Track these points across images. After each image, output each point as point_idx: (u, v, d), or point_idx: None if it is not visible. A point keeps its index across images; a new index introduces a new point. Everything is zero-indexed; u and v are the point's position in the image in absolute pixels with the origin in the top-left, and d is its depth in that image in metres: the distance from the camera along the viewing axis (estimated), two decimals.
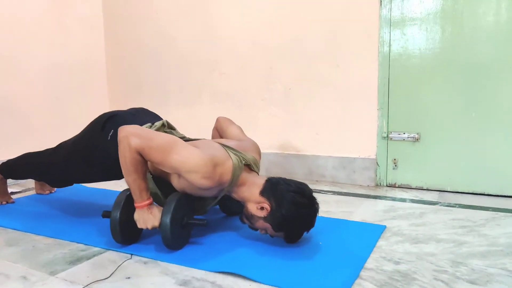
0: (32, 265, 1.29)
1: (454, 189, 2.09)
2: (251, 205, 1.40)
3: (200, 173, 1.30)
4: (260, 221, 1.38)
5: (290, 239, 1.40)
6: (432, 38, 2.05)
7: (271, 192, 1.37)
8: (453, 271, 1.20)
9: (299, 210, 1.33)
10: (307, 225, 1.38)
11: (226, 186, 1.39)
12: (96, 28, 3.02)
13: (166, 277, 1.19)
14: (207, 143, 1.49)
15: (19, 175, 1.98)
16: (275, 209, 1.34)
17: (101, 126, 1.58)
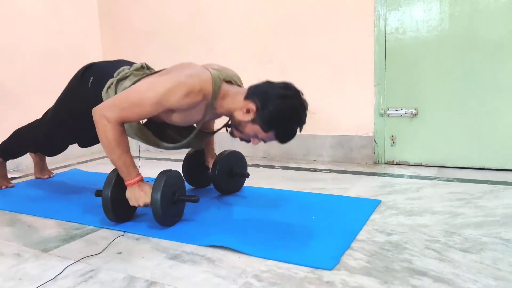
0: (26, 243, 1.30)
1: (453, 165, 2.07)
2: (237, 113, 1.39)
3: (180, 93, 1.30)
4: (248, 125, 1.37)
5: (283, 137, 1.38)
6: (429, 10, 2.01)
7: (255, 93, 1.36)
8: (446, 240, 1.19)
9: (285, 102, 1.32)
10: (296, 118, 1.36)
11: (210, 99, 1.37)
12: (90, 12, 3.01)
13: (157, 251, 1.20)
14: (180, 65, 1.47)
15: (15, 153, 1.97)
16: (261, 107, 1.33)
17: (80, 76, 1.58)
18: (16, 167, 2.44)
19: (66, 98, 1.65)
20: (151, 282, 1.01)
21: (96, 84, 1.50)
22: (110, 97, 1.47)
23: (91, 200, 1.64)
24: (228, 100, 1.41)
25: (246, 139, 1.43)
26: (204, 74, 1.37)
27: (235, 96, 1.41)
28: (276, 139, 1.39)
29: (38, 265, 1.14)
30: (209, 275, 1.04)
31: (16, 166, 2.45)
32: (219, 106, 1.41)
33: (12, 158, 2.00)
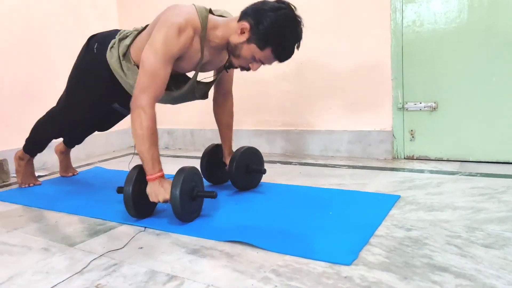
0: (53, 238, 1.35)
1: (476, 159, 2.03)
2: (232, 37, 1.40)
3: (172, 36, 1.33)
4: (244, 46, 1.37)
5: (280, 53, 1.37)
6: (447, 2, 1.98)
7: (248, 13, 1.37)
8: (468, 236, 1.18)
9: (278, 13, 1.32)
10: (292, 31, 1.35)
11: (201, 31, 1.39)
12: (110, 15, 3.08)
13: (177, 246, 1.22)
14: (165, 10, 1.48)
15: (40, 144, 2.01)
16: (255, 24, 1.33)
17: (86, 45, 1.68)
18: (42, 165, 2.52)
19: (76, 71, 1.73)
20: (171, 276, 1.04)
21: (101, 48, 1.60)
22: (113, 55, 1.56)
23: (113, 196, 1.68)
24: (221, 28, 1.42)
25: (245, 66, 1.43)
26: (189, 10, 1.40)
27: (227, 23, 1.42)
28: (275, 58, 1.38)
29: (65, 259, 1.18)
30: (227, 270, 1.06)
31: (43, 165, 2.52)
32: (212, 37, 1.43)
33: (38, 151, 2.04)
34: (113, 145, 3.02)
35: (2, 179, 2.18)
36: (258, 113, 2.61)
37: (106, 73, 1.57)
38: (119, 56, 1.56)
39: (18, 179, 2.05)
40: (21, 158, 2.02)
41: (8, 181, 2.21)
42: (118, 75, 1.57)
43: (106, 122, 2.00)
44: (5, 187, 2.10)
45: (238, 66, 1.46)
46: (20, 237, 1.38)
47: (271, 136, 2.57)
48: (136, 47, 1.54)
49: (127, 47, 1.56)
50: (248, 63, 1.42)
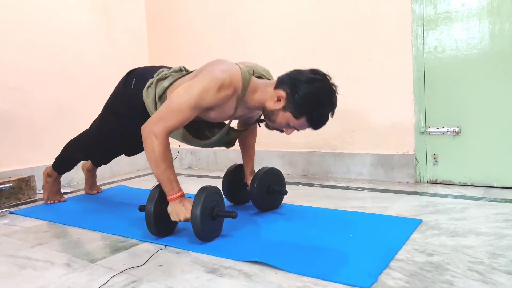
0: (75, 254, 1.38)
1: (501, 185, 1.99)
2: (268, 103, 1.42)
3: (214, 88, 1.36)
4: (279, 113, 1.39)
5: (315, 122, 1.40)
6: (468, 29, 1.99)
7: (284, 81, 1.39)
8: (490, 262, 1.15)
9: (314, 85, 1.34)
10: (326, 102, 1.37)
11: (240, 93, 1.42)
12: (141, 39, 3.20)
13: (196, 265, 1.23)
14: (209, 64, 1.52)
15: (68, 164, 2.07)
16: (291, 93, 1.35)
17: (124, 81, 1.72)
18: (68, 182, 2.59)
19: (112, 101, 1.79)
20: None
21: (138, 85, 1.63)
22: (149, 95, 1.58)
23: (135, 214, 1.72)
24: (259, 93, 1.45)
25: (279, 129, 1.45)
26: (234, 69, 1.43)
27: (265, 88, 1.45)
28: (309, 126, 1.40)
29: (86, 274, 1.21)
30: None
31: (69, 182, 2.60)
32: (249, 99, 1.46)
33: (66, 170, 2.10)
34: (138, 164, 3.09)
35: (28, 195, 2.25)
36: (280, 135, 2.61)
37: (140, 110, 1.59)
38: (155, 96, 1.58)
39: (44, 195, 2.11)
40: (49, 175, 2.09)
41: (35, 197, 2.28)
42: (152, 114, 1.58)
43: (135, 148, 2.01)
44: (31, 203, 2.17)
45: (272, 129, 1.49)
46: (44, 252, 1.41)
47: (294, 158, 2.58)
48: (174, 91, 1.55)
49: (164, 89, 1.57)
50: (283, 127, 1.45)
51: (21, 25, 2.43)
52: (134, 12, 3.15)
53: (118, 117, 1.74)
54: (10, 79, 2.38)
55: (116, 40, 2.99)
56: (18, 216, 1.92)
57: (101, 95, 2.83)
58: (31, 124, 2.48)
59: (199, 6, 2.92)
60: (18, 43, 2.41)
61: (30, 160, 2.44)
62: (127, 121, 1.70)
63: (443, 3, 2.03)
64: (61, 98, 2.63)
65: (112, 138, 1.84)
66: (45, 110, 2.55)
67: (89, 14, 2.81)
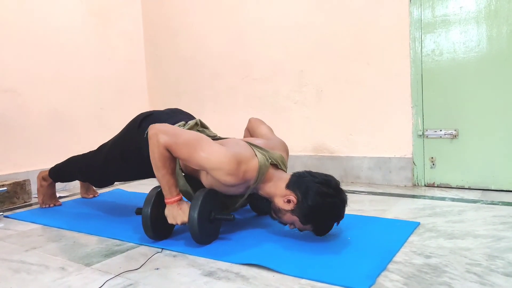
0: (70, 258, 1.37)
1: (498, 187, 1.99)
2: (278, 199, 1.40)
3: (224, 170, 1.33)
4: (287, 214, 1.38)
5: (319, 231, 1.38)
6: (466, 32, 1.99)
7: (297, 184, 1.37)
8: (488, 264, 1.15)
9: (325, 200, 1.32)
10: (335, 216, 1.36)
11: (252, 184, 1.41)
12: (137, 41, 3.19)
13: (193, 268, 1.22)
14: (233, 141, 1.52)
15: (65, 178, 2.09)
16: (301, 200, 1.34)
17: (138, 124, 1.67)
18: (64, 187, 2.57)
19: (122, 142, 1.73)
20: None
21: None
22: None
23: (132, 218, 1.71)
24: (270, 184, 1.43)
25: (283, 223, 1.44)
26: (253, 162, 1.39)
27: (277, 182, 1.42)
28: (313, 232, 1.39)
29: (81, 278, 1.19)
30: None
31: (64, 186, 2.58)
32: (260, 188, 1.44)
33: (61, 181, 2.12)
34: None
35: (23, 199, 2.24)
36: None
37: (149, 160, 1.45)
38: None
39: (39, 199, 2.10)
40: (44, 179, 2.07)
41: (30, 201, 2.27)
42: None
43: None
44: (26, 207, 2.15)
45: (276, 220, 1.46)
46: (39, 256, 1.40)
47: (292, 161, 2.56)
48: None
49: None
50: (287, 224, 1.43)
51: (16, 27, 2.42)
52: (130, 15, 3.14)
53: (125, 161, 1.70)
54: (4, 81, 2.37)
55: (113, 43, 2.98)
56: (13, 220, 1.90)
57: (96, 99, 2.85)
58: (26, 128, 2.46)
59: (196, 9, 2.92)
60: (12, 45, 2.40)
61: (25, 164, 2.43)
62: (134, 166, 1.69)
63: (441, 6, 2.04)
64: (56, 101, 2.62)
65: (115, 175, 1.84)
66: (40, 113, 2.53)
67: (85, 16, 2.80)
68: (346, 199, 1.37)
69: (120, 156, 1.71)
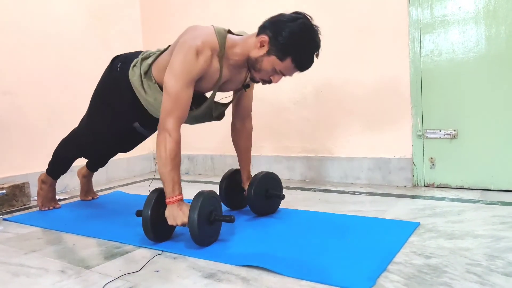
0: (70, 261, 1.36)
1: (498, 188, 1.98)
2: (252, 52, 1.41)
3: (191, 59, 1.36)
4: (264, 59, 1.38)
5: (300, 62, 1.38)
6: (465, 32, 1.99)
7: (266, 27, 1.39)
8: (488, 264, 1.14)
9: (296, 23, 1.33)
10: (310, 40, 1.36)
11: (220, 50, 1.42)
12: (136, 42, 3.19)
13: (193, 270, 1.22)
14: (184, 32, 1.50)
15: (62, 166, 2.05)
16: (274, 36, 1.34)
17: (109, 65, 1.73)
18: (63, 189, 2.57)
19: (98, 89, 1.79)
20: None
21: (124, 67, 1.64)
22: (135, 74, 1.59)
23: (132, 220, 1.70)
24: (240, 45, 1.45)
25: (266, 78, 1.44)
26: (206, 31, 1.43)
27: (246, 40, 1.45)
28: (295, 67, 1.39)
29: (80, 281, 1.19)
30: None
31: (64, 189, 2.58)
32: (231, 55, 1.45)
33: (60, 173, 2.07)
34: (134, 170, 3.07)
35: (23, 202, 2.23)
36: (278, 140, 2.63)
37: (127, 91, 1.61)
38: (140, 74, 1.59)
39: (39, 202, 2.09)
40: (44, 181, 2.07)
41: (29, 204, 2.26)
42: (139, 92, 1.60)
43: (128, 142, 2.01)
44: (25, 210, 2.15)
45: (259, 79, 1.47)
46: (38, 259, 1.40)
47: (291, 162, 2.57)
48: (158, 65, 1.58)
49: (149, 65, 1.59)
50: (269, 75, 1.44)
51: (14, 29, 2.41)
52: (129, 16, 3.14)
53: (106, 104, 1.72)
54: (3, 83, 2.36)
55: (112, 45, 2.98)
56: (12, 223, 1.90)
57: None
58: (25, 130, 2.46)
59: (195, 11, 2.92)
60: (11, 46, 2.40)
61: (24, 167, 2.42)
62: (115, 106, 1.70)
63: (440, 6, 2.04)
64: (55, 103, 2.61)
65: (102, 127, 1.80)
66: (40, 115, 2.53)
67: (84, 18, 2.80)
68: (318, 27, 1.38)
69: (103, 104, 1.73)
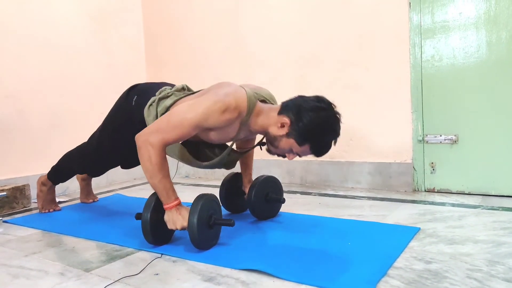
0: (70, 263, 1.36)
1: (498, 193, 1.98)
2: (272, 128, 1.41)
3: (218, 111, 1.34)
4: (283, 139, 1.38)
5: (318, 150, 1.38)
6: (465, 37, 2.00)
7: (289, 107, 1.38)
8: (488, 269, 1.14)
9: (319, 114, 1.33)
10: (330, 131, 1.36)
11: (244, 116, 1.40)
12: (138, 47, 3.20)
13: (192, 274, 1.22)
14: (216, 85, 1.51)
15: (64, 175, 2.05)
16: (295, 120, 1.34)
17: (125, 96, 1.69)
18: (64, 191, 2.57)
19: (112, 116, 1.77)
20: None
21: (139, 102, 1.60)
22: (151, 114, 1.55)
23: (132, 223, 1.70)
24: (262, 117, 1.44)
25: (282, 154, 1.44)
26: (240, 93, 1.41)
27: (269, 113, 1.44)
28: (311, 153, 1.39)
29: (80, 283, 1.19)
30: None
31: (64, 191, 2.58)
32: (253, 123, 1.45)
33: (61, 181, 2.08)
34: (134, 173, 3.07)
35: (23, 204, 2.23)
36: None
37: (140, 127, 1.51)
38: (157, 115, 1.54)
39: (39, 204, 2.09)
40: (43, 184, 2.07)
41: (29, 206, 2.26)
42: None
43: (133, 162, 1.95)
44: (26, 212, 2.14)
45: (274, 154, 1.47)
46: (38, 261, 1.39)
47: (292, 166, 2.57)
48: None
49: (166, 108, 1.54)
50: (285, 153, 1.44)
51: (16, 32, 2.43)
52: (131, 20, 3.15)
53: (118, 132, 1.71)
54: (5, 87, 2.37)
55: (113, 48, 2.99)
56: (12, 225, 1.90)
57: (97, 104, 2.85)
58: (26, 133, 2.46)
59: (197, 16, 2.94)
60: (13, 50, 2.41)
61: (25, 169, 2.43)
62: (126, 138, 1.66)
63: (441, 12, 2.05)
64: (56, 107, 2.62)
65: (111, 152, 1.82)
66: (40, 118, 2.54)
67: (85, 22, 2.81)
68: (340, 116, 1.37)
69: (113, 131, 1.72)
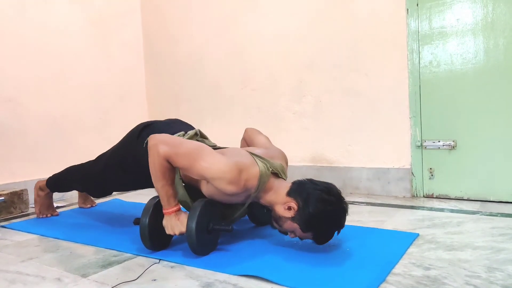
0: (67, 269, 1.36)
1: (497, 199, 1.98)
2: (278, 207, 1.40)
3: (226, 179, 1.33)
4: (288, 222, 1.37)
5: (319, 239, 1.37)
6: (463, 44, 2.01)
7: (298, 191, 1.37)
8: (487, 276, 1.14)
9: (326, 208, 1.31)
10: (335, 224, 1.35)
11: (253, 192, 1.40)
12: (136, 51, 3.20)
13: (190, 279, 1.21)
14: (234, 151, 1.51)
15: (63, 187, 2.08)
16: (302, 207, 1.33)
17: (137, 134, 1.66)
18: (61, 196, 2.56)
19: (121, 152, 1.73)
20: None
21: None
22: None
23: (130, 228, 1.70)
24: (271, 193, 1.42)
25: (283, 232, 1.43)
26: (253, 170, 1.39)
27: (278, 190, 1.42)
28: (313, 240, 1.39)
29: None
30: None
31: (62, 196, 2.57)
32: (261, 197, 1.43)
33: (58, 191, 2.11)
34: None
35: (20, 209, 2.22)
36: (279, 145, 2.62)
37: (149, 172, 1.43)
38: None
39: (36, 209, 2.08)
40: (41, 189, 2.06)
41: (27, 211, 2.25)
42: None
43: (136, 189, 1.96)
44: (23, 217, 2.13)
45: (275, 229, 1.46)
46: (35, 267, 1.39)
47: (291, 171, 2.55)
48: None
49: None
50: (287, 232, 1.43)
51: (15, 37, 2.43)
52: (130, 24, 3.16)
53: (124, 171, 1.69)
54: (3, 91, 2.37)
55: (112, 53, 2.99)
56: (10, 230, 1.89)
57: (96, 108, 2.85)
58: (25, 137, 2.46)
59: (196, 20, 2.94)
60: (11, 54, 2.41)
61: (23, 174, 2.42)
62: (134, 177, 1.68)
63: (438, 18, 2.06)
64: (55, 111, 2.62)
65: (114, 186, 1.84)
66: (39, 123, 2.53)
67: (85, 26, 2.81)
68: (347, 208, 1.37)
69: (118, 166, 1.70)
